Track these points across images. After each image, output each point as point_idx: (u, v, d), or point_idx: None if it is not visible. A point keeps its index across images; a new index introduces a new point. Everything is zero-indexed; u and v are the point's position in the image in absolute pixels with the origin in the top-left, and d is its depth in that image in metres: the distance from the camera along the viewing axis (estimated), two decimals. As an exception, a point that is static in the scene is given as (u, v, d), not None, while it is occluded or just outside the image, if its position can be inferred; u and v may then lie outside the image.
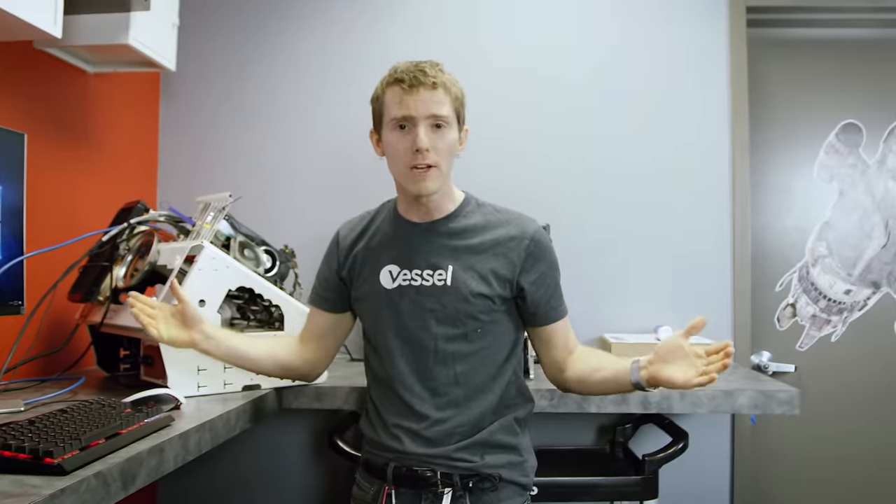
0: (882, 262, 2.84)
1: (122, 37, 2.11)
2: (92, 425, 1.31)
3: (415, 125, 1.56)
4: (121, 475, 1.22)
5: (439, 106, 1.57)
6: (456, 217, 1.67)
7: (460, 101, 1.63)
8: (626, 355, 2.39)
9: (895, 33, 2.90)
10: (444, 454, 1.61)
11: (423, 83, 1.55)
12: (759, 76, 2.89)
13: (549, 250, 1.68)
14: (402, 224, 1.69)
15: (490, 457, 1.63)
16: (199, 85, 2.91)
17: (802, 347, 2.87)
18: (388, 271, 1.67)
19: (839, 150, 2.87)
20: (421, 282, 1.64)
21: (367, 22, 2.88)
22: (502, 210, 1.71)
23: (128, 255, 2.04)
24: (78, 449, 1.19)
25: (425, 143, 1.55)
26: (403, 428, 1.63)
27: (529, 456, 1.72)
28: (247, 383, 1.92)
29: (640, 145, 2.81)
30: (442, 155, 1.58)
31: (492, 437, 1.64)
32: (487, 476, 1.62)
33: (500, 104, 2.83)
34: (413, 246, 1.67)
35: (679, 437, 2.18)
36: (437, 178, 1.59)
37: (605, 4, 2.85)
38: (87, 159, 2.42)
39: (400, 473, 1.63)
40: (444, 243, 1.65)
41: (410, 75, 1.56)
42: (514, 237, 1.64)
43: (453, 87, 1.61)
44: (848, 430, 2.82)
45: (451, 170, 1.63)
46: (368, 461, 1.72)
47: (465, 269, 1.62)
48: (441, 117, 1.57)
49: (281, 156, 2.88)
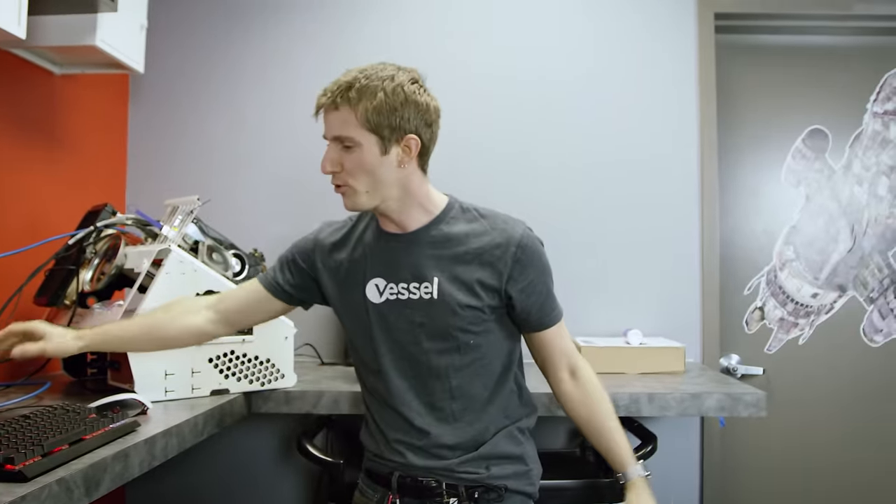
0: (848, 266, 2.88)
1: (89, 38, 2.08)
2: (55, 431, 1.29)
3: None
4: (84, 481, 1.21)
5: (342, 126, 1.51)
6: (438, 225, 1.62)
7: (381, 111, 1.49)
8: (596, 359, 2.42)
9: (861, 41, 2.94)
10: (447, 467, 1.60)
11: (322, 105, 1.54)
12: (728, 82, 2.92)
13: (538, 255, 1.63)
14: (383, 235, 1.65)
15: (495, 468, 1.62)
16: (168, 87, 2.89)
17: (770, 350, 2.90)
18: (374, 285, 1.63)
19: (806, 155, 2.91)
20: (408, 295, 1.60)
21: (338, 26, 2.88)
22: (488, 214, 1.65)
23: (94, 259, 2.02)
24: (40, 455, 1.17)
25: (326, 167, 1.55)
26: (405, 443, 1.62)
27: (535, 465, 1.71)
28: (215, 388, 1.90)
29: (608, 149, 2.83)
30: (354, 174, 1.53)
31: (495, 448, 1.63)
32: (493, 487, 1.62)
33: (476, 108, 2.83)
34: (397, 258, 1.62)
35: (648, 440, 2.19)
36: (355, 196, 1.56)
37: (577, 10, 2.86)
38: (53, 161, 2.39)
39: (405, 483, 1.62)
40: (427, 254, 1.61)
41: (318, 97, 1.55)
42: (499, 245, 1.59)
43: (367, 99, 1.49)
44: (815, 430, 2.86)
45: (385, 186, 1.55)
46: (371, 469, 1.71)
47: (451, 280, 1.58)
48: (344, 138, 1.51)
49: (251, 159, 2.86)
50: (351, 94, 1.49)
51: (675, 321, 2.78)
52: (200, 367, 1.87)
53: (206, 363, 1.88)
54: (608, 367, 2.42)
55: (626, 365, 2.43)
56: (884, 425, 2.85)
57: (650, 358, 2.44)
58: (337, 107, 1.50)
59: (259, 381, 1.99)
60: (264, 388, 2.01)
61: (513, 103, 2.85)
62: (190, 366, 1.85)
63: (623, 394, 2.06)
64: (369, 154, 1.51)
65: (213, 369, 1.90)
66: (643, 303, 2.80)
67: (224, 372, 1.92)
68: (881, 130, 2.88)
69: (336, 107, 1.51)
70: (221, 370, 1.91)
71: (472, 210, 1.66)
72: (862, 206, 2.88)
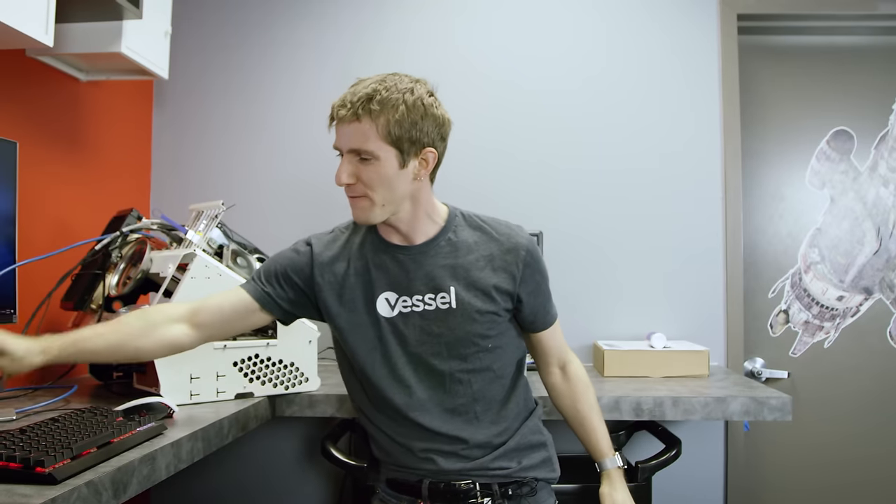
0: (874, 269, 2.85)
1: (115, 45, 2.11)
2: (83, 434, 1.31)
3: (342, 157, 1.54)
4: (112, 484, 1.22)
5: (361, 140, 1.48)
6: (446, 235, 1.63)
7: (402, 124, 1.48)
8: (619, 363, 2.42)
9: (886, 41, 2.92)
10: (480, 466, 1.62)
11: (341, 117, 1.50)
12: (751, 83, 2.90)
13: (541, 258, 1.69)
14: (388, 247, 1.63)
15: (525, 460, 1.66)
16: (192, 92, 2.91)
17: (795, 354, 2.87)
18: (385, 299, 1.62)
19: (830, 157, 2.89)
20: (423, 307, 1.60)
21: (354, 32, 2.89)
22: (490, 221, 1.67)
23: (120, 264, 2.04)
24: (69, 458, 1.19)
25: (341, 179, 1.52)
26: (434, 450, 1.62)
27: (553, 451, 1.76)
28: (239, 391, 1.91)
29: (633, 153, 2.82)
30: (371, 186, 1.51)
31: (523, 440, 1.67)
32: (525, 481, 1.65)
33: (491, 114, 2.83)
34: (407, 271, 1.61)
35: (672, 444, 2.18)
36: (370, 209, 1.54)
37: (595, 13, 2.86)
38: (79, 167, 2.42)
39: (437, 489, 1.62)
40: (441, 264, 1.61)
41: (335, 108, 1.52)
42: (510, 250, 1.62)
43: (388, 112, 1.47)
44: (841, 435, 2.83)
45: (400, 199, 1.55)
46: (395, 479, 1.70)
47: (468, 288, 1.59)
48: (362, 151, 1.49)
49: (275, 164, 2.88)
50: (372, 105, 1.46)
51: (698, 324, 2.76)
52: (225, 371, 1.88)
53: (230, 367, 1.89)
54: (632, 370, 2.42)
55: (650, 369, 2.42)
56: (911, 429, 2.82)
57: (674, 361, 2.43)
58: (357, 119, 1.47)
59: (283, 385, 2.00)
60: (288, 391, 2.02)
61: (532, 111, 2.85)
62: (215, 369, 1.86)
63: (647, 398, 2.05)
64: (388, 167, 1.50)
65: (238, 373, 1.91)
66: (667, 306, 2.78)
67: (248, 375, 1.93)
68: (907, 131, 2.86)
69: (357, 118, 1.47)
70: (246, 374, 1.92)
71: (473, 217, 1.68)
72: (888, 207, 2.85)
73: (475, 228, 1.65)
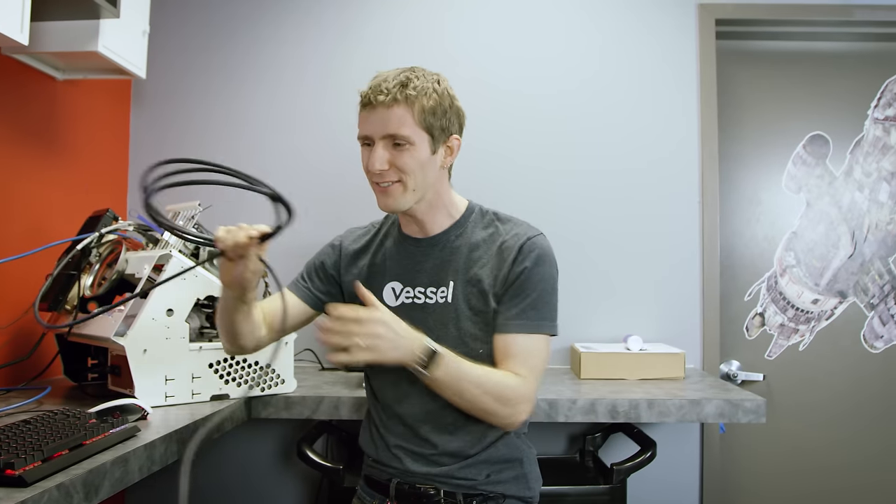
0: (848, 272, 2.88)
1: (92, 44, 2.09)
2: (55, 436, 1.30)
3: (373, 144, 1.55)
4: (83, 486, 1.21)
5: (398, 125, 1.51)
6: (458, 230, 1.65)
7: (436, 111, 1.54)
8: (596, 365, 2.44)
9: (862, 47, 2.95)
10: (447, 473, 1.60)
11: (379, 102, 1.51)
12: (729, 87, 2.93)
13: (540, 259, 1.58)
14: (404, 239, 1.69)
15: (494, 475, 1.62)
16: (170, 92, 2.89)
17: (771, 356, 2.90)
18: (391, 288, 1.67)
19: (807, 161, 2.91)
20: (424, 300, 1.63)
21: (338, 32, 2.88)
22: (505, 219, 1.67)
23: (95, 264, 2.03)
24: (40, 460, 1.18)
25: (376, 165, 1.53)
26: (405, 449, 1.63)
27: (533, 468, 1.70)
28: (215, 393, 1.90)
29: (609, 156, 2.83)
30: (408, 172, 1.54)
31: (496, 453, 1.62)
32: (491, 495, 1.61)
33: (474, 116, 2.83)
34: (415, 262, 1.66)
35: (647, 446, 2.20)
36: (401, 195, 1.56)
37: (575, 18, 2.87)
38: (56, 166, 2.40)
39: (403, 490, 1.62)
40: (445, 259, 1.63)
41: (368, 94, 1.53)
42: (509, 246, 1.59)
43: (423, 98, 1.52)
44: (815, 437, 2.85)
45: (428, 185, 1.58)
46: (370, 476, 1.71)
47: (466, 285, 1.60)
48: (399, 137, 1.51)
49: (252, 164, 2.86)
50: (409, 91, 1.51)
51: (675, 327, 2.78)
52: (201, 373, 1.88)
53: (206, 368, 1.89)
54: (608, 373, 2.43)
55: (627, 371, 2.43)
56: (884, 431, 2.85)
57: (650, 364, 2.44)
58: (396, 104, 1.51)
59: (259, 387, 2.00)
60: (264, 393, 2.01)
61: (515, 113, 2.85)
62: (190, 371, 1.85)
63: (623, 400, 2.06)
64: (422, 152, 1.55)
65: (213, 374, 1.90)
66: (644, 309, 2.80)
67: (224, 377, 1.92)
68: (882, 136, 2.89)
69: (395, 104, 1.51)
70: (221, 375, 1.92)
71: (490, 214, 1.69)
72: (863, 212, 2.88)
73: (487, 226, 1.66)
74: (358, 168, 1.61)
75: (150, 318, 1.78)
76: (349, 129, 2.77)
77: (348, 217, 2.06)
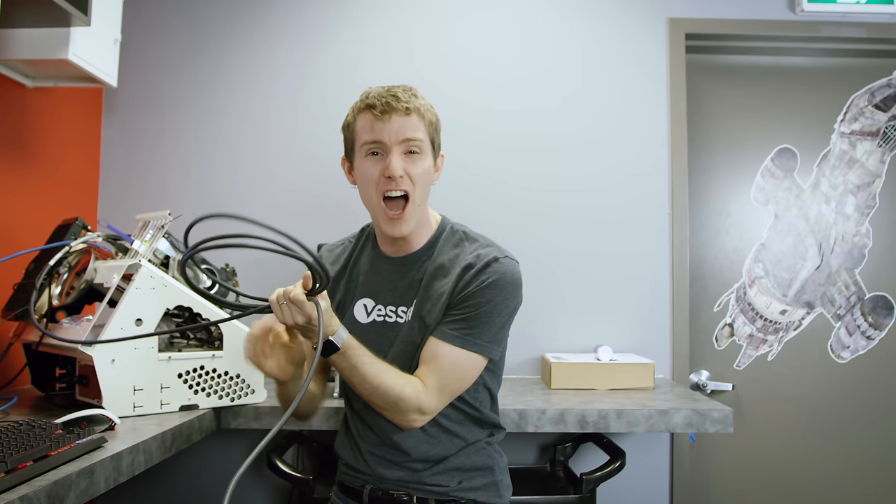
0: (815, 284, 2.92)
1: (62, 52, 2.08)
2: (20, 447, 1.28)
3: (387, 151, 1.54)
4: (48, 498, 1.20)
5: (414, 130, 1.54)
6: (430, 250, 1.66)
7: (435, 126, 1.62)
8: (566, 375, 2.44)
9: (828, 62, 3.00)
10: (418, 479, 1.61)
11: (395, 109, 1.52)
12: (699, 101, 2.96)
13: (497, 282, 1.56)
14: (378, 257, 1.70)
15: (466, 481, 1.63)
16: (142, 101, 2.88)
17: (740, 366, 2.93)
18: (363, 305, 1.69)
19: (775, 174, 2.95)
20: (395, 318, 1.64)
21: (312, 41, 2.88)
22: (473, 238, 1.68)
23: (64, 273, 2.01)
24: (3, 472, 1.17)
25: (398, 170, 1.52)
26: (377, 456, 1.64)
27: (504, 476, 1.71)
28: (184, 403, 1.89)
29: (580, 169, 2.86)
30: (417, 182, 1.55)
31: (467, 460, 1.64)
32: (463, 501, 1.63)
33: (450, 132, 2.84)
34: (387, 281, 1.67)
35: (616, 456, 2.21)
36: (412, 217, 1.57)
37: (544, 29, 2.89)
38: (24, 174, 2.38)
39: (376, 497, 1.63)
40: (414, 279, 1.65)
41: (382, 101, 1.53)
42: (471, 264, 1.58)
43: (428, 112, 1.59)
44: (783, 446, 2.89)
45: (425, 199, 1.61)
46: (344, 482, 1.72)
47: (427, 304, 1.60)
48: (416, 141, 1.54)
49: (225, 173, 2.86)
50: (420, 102, 1.57)
51: (645, 337, 2.80)
52: (170, 383, 1.86)
53: (175, 378, 1.87)
54: (578, 383, 2.44)
55: (596, 381, 2.44)
56: (851, 441, 2.89)
57: (620, 374, 2.46)
58: (409, 112, 1.54)
59: (229, 397, 1.99)
60: (234, 403, 2.00)
61: (485, 128, 2.86)
62: (159, 381, 1.84)
63: (592, 410, 2.07)
64: (429, 163, 1.60)
65: (183, 385, 1.89)
66: (614, 319, 2.82)
67: (193, 387, 1.91)
68: (848, 150, 2.93)
69: (408, 112, 1.54)
70: (191, 385, 1.90)
71: (459, 233, 1.69)
72: (829, 224, 2.92)
73: (456, 245, 1.67)
74: (329, 186, 1.61)
75: (118, 328, 1.77)
76: (321, 144, 2.79)
77: (321, 229, 2.06)
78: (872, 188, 2.93)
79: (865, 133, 2.94)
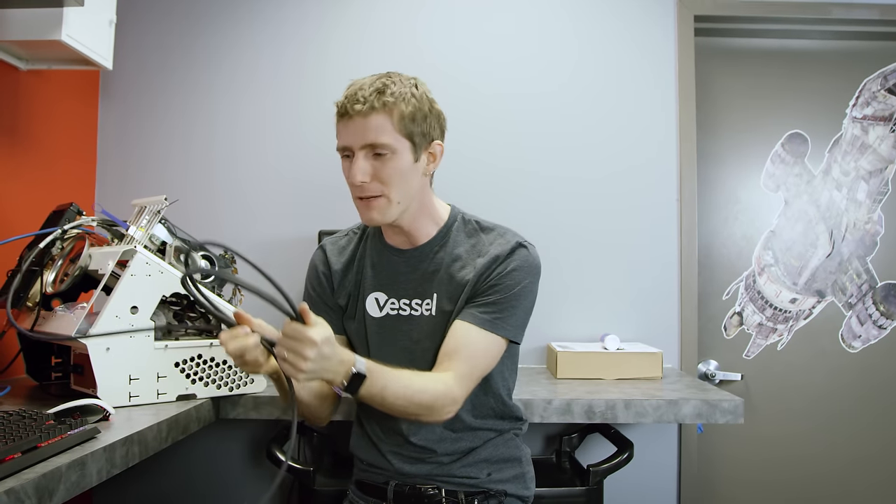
0: (826, 272, 2.87)
1: (55, 33, 2.02)
2: (9, 438, 1.24)
3: (353, 155, 1.50)
4: (36, 491, 1.16)
5: (377, 133, 1.46)
6: (441, 240, 1.62)
7: (415, 117, 1.50)
8: (572, 364, 2.40)
9: (840, 45, 2.93)
10: (447, 472, 1.59)
11: (356, 111, 1.46)
12: (708, 85, 2.90)
13: (521, 267, 1.57)
14: (387, 249, 1.66)
15: (495, 473, 1.61)
16: (139, 84, 2.82)
17: (749, 356, 2.88)
18: (374, 298, 1.64)
19: (785, 160, 2.90)
20: (410, 311, 1.61)
21: (315, 20, 2.82)
22: (488, 228, 1.65)
23: (58, 260, 1.97)
24: (-10, 464, 1.13)
25: (358, 177, 1.48)
26: (401, 455, 1.61)
27: (529, 468, 1.70)
28: (181, 393, 1.85)
29: (588, 154, 2.80)
30: (389, 183, 1.49)
31: (495, 451, 1.63)
32: (493, 493, 1.60)
33: (449, 118, 2.79)
34: (398, 273, 1.63)
35: (624, 447, 2.16)
36: (385, 209, 1.52)
37: (556, 15, 2.83)
38: (18, 158, 2.33)
39: (402, 492, 1.60)
40: (429, 271, 1.61)
41: (345, 104, 1.48)
42: (494, 253, 1.57)
43: (402, 104, 1.47)
44: (793, 437, 2.84)
45: (413, 195, 1.55)
46: (363, 481, 1.68)
47: (449, 297, 1.58)
48: (378, 145, 1.47)
49: (224, 158, 2.81)
50: (386, 98, 1.46)
51: (653, 326, 2.76)
52: (166, 372, 1.82)
53: (172, 367, 1.83)
54: (585, 372, 2.40)
55: (603, 370, 2.40)
56: (861, 431, 2.84)
57: (627, 363, 2.41)
58: (373, 111, 1.45)
59: (227, 386, 1.94)
60: (233, 392, 1.96)
61: (491, 114, 2.81)
62: (155, 370, 1.80)
63: (599, 400, 2.03)
64: (404, 161, 1.50)
65: (180, 374, 1.84)
66: (621, 308, 2.77)
67: (191, 376, 1.86)
68: (860, 135, 2.88)
69: (372, 112, 1.45)
70: (188, 375, 1.86)
71: (472, 223, 1.66)
72: (841, 211, 2.87)
73: (471, 235, 1.63)
74: (329, 171, 1.57)
75: (113, 316, 1.72)
76: (320, 130, 2.74)
77: (322, 215, 2.01)
78: (885, 174, 2.87)
79: (878, 118, 2.88)
